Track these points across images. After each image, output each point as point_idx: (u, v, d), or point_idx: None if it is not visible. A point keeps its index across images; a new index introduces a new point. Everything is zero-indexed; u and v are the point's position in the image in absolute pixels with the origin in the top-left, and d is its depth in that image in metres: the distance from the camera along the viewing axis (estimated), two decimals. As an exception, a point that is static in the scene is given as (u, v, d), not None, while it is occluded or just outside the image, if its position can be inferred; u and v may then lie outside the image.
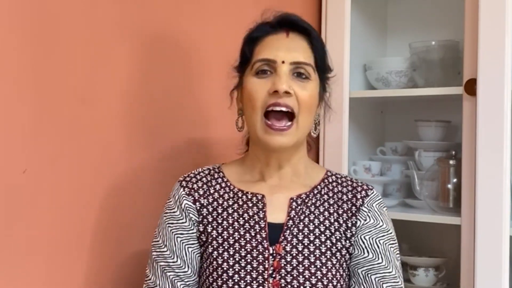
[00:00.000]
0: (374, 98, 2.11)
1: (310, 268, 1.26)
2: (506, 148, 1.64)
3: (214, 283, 1.26)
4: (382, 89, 2.04)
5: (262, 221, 1.29)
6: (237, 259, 1.26)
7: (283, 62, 1.27)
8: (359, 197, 1.34)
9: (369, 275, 1.29)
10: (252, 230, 1.29)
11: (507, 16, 1.63)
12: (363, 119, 2.15)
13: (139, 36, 1.52)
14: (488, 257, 1.64)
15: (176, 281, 1.30)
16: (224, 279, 1.25)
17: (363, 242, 1.30)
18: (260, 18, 1.36)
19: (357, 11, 2.05)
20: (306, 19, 1.38)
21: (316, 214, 1.32)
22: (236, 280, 1.24)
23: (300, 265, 1.26)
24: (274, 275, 1.25)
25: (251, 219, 1.30)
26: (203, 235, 1.31)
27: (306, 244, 1.28)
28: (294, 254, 1.27)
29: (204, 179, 1.35)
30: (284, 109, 1.26)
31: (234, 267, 1.25)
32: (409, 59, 2.00)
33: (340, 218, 1.32)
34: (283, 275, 1.25)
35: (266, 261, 1.26)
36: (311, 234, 1.29)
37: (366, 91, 2.11)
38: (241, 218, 1.30)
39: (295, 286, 1.24)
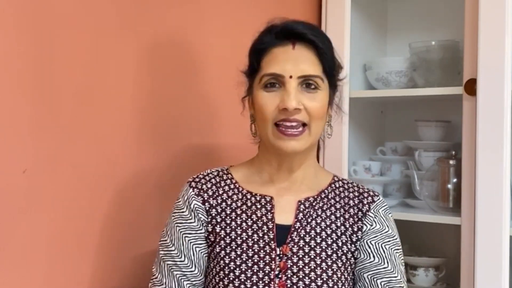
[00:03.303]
0: (374, 98, 2.11)
1: (316, 270, 1.27)
2: (506, 148, 1.64)
3: (221, 283, 1.26)
4: (382, 89, 2.04)
5: (270, 222, 1.30)
6: (244, 259, 1.27)
7: (290, 77, 1.27)
8: (365, 202, 1.35)
9: (375, 279, 1.30)
10: (260, 231, 1.30)
11: (507, 16, 1.63)
12: (363, 119, 2.15)
13: (146, 38, 1.52)
14: (488, 257, 1.64)
15: (182, 280, 1.30)
16: (231, 279, 1.26)
17: (369, 247, 1.32)
18: (265, 25, 1.34)
19: (357, 11, 2.05)
20: (305, 19, 1.38)
21: (323, 218, 1.33)
22: (242, 280, 1.25)
23: (306, 267, 1.27)
24: (280, 276, 1.26)
25: (259, 220, 1.31)
26: (211, 235, 1.31)
27: (312, 246, 1.29)
28: (301, 256, 1.28)
29: (213, 180, 1.36)
30: (294, 123, 1.26)
31: (241, 267, 1.26)
32: (409, 59, 2.00)
33: (346, 222, 1.33)
34: (289, 276, 1.25)
35: (273, 262, 1.27)
36: (318, 236, 1.30)
37: (366, 91, 2.11)
38: (249, 219, 1.31)
39: (301, 287, 1.25)
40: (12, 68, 1.26)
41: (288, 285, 1.25)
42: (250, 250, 1.28)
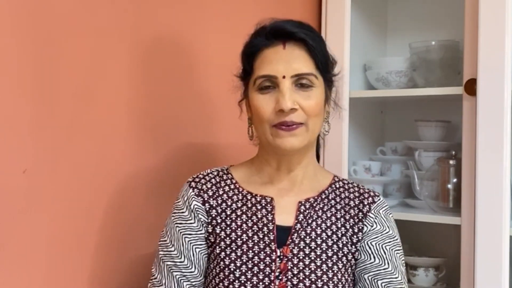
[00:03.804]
0: (374, 98, 2.11)
1: (317, 272, 1.26)
2: (506, 148, 1.64)
3: (221, 284, 1.26)
4: (382, 89, 2.04)
5: (270, 223, 1.30)
6: (244, 261, 1.27)
7: (283, 77, 1.26)
8: (366, 203, 1.35)
9: (375, 280, 1.30)
10: (260, 232, 1.29)
11: (507, 16, 1.63)
12: (363, 119, 2.15)
13: (143, 38, 1.52)
14: (488, 257, 1.64)
15: (182, 281, 1.30)
16: (231, 280, 1.25)
17: (370, 248, 1.31)
18: (255, 28, 1.34)
19: (357, 11, 2.05)
20: (305, 19, 1.38)
21: (324, 219, 1.32)
22: (242, 281, 1.25)
23: (307, 268, 1.26)
24: (280, 277, 1.25)
25: (260, 222, 1.30)
26: (211, 236, 1.31)
27: (313, 247, 1.29)
28: (301, 257, 1.27)
29: (213, 180, 1.36)
30: (292, 125, 1.26)
31: (241, 268, 1.26)
32: (409, 59, 2.00)
33: (347, 223, 1.33)
34: (289, 277, 1.25)
35: (273, 263, 1.26)
36: (318, 238, 1.30)
37: (366, 91, 2.11)
38: (249, 220, 1.31)
39: None
40: (12, 68, 1.26)
41: (289, 287, 1.24)
42: (250, 251, 1.27)
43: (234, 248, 1.28)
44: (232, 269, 1.26)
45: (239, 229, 1.30)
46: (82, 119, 1.39)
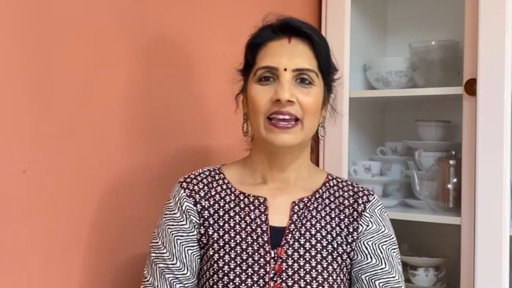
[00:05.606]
0: (374, 98, 2.10)
1: (311, 272, 1.25)
2: (506, 148, 1.64)
3: (215, 286, 1.25)
4: (382, 89, 2.04)
5: (264, 224, 1.29)
6: (238, 262, 1.25)
7: (285, 69, 1.26)
8: (360, 202, 1.34)
9: (373, 280, 1.29)
10: (254, 233, 1.28)
11: (507, 16, 1.63)
12: (363, 119, 2.15)
13: (140, 38, 1.52)
14: (488, 257, 1.64)
15: (175, 283, 1.29)
16: (225, 282, 1.24)
17: (366, 248, 1.30)
18: (261, 22, 1.35)
19: (357, 11, 2.05)
20: (305, 19, 1.38)
21: (318, 219, 1.31)
22: (237, 283, 1.23)
23: (302, 269, 1.25)
24: (275, 279, 1.24)
25: (253, 222, 1.29)
26: (203, 237, 1.30)
27: (307, 248, 1.28)
28: (296, 258, 1.26)
29: (205, 180, 1.34)
30: (287, 117, 1.25)
31: (235, 270, 1.25)
32: (409, 59, 2.00)
33: (342, 223, 1.32)
34: (284, 278, 1.24)
35: (268, 265, 1.25)
36: (313, 238, 1.29)
37: (366, 91, 2.11)
38: (242, 221, 1.29)
39: None
40: (12, 68, 1.26)
41: None
42: (244, 253, 1.26)
43: (227, 250, 1.27)
44: (226, 271, 1.25)
45: (232, 230, 1.29)
46: (82, 119, 1.39)
